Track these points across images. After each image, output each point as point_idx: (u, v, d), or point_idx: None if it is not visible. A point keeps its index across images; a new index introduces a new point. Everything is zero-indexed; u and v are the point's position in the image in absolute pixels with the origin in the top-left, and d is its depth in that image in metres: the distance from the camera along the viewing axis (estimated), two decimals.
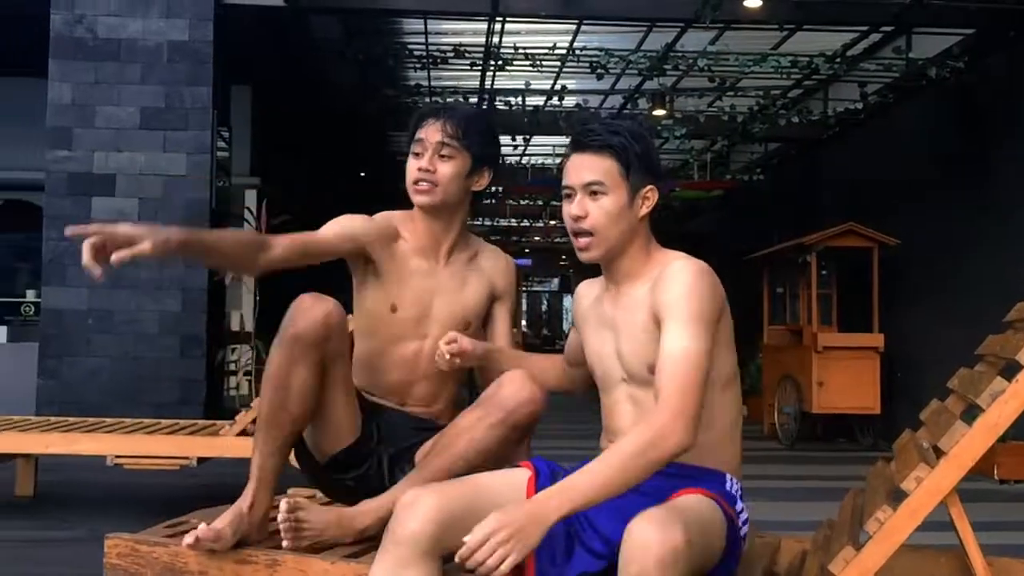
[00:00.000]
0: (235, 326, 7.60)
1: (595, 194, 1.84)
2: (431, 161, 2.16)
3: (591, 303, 2.01)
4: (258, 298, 6.83)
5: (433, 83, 9.44)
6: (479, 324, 2.29)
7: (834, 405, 8.48)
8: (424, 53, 8.33)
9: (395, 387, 2.23)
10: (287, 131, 11.88)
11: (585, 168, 1.86)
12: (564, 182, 1.89)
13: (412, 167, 2.19)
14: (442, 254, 2.25)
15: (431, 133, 2.17)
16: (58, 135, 6.52)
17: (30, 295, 11.78)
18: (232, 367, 7.30)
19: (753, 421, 10.59)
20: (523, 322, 12.81)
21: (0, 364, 6.87)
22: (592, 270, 2.06)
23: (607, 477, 1.56)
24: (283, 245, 2.06)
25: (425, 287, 2.21)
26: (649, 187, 1.88)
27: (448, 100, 2.08)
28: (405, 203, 2.31)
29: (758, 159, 12.26)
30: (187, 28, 6.57)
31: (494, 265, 2.32)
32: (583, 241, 1.86)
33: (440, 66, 8.56)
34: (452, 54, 7.98)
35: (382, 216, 2.25)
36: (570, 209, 1.86)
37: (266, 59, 8.56)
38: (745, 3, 5.61)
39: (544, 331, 29.51)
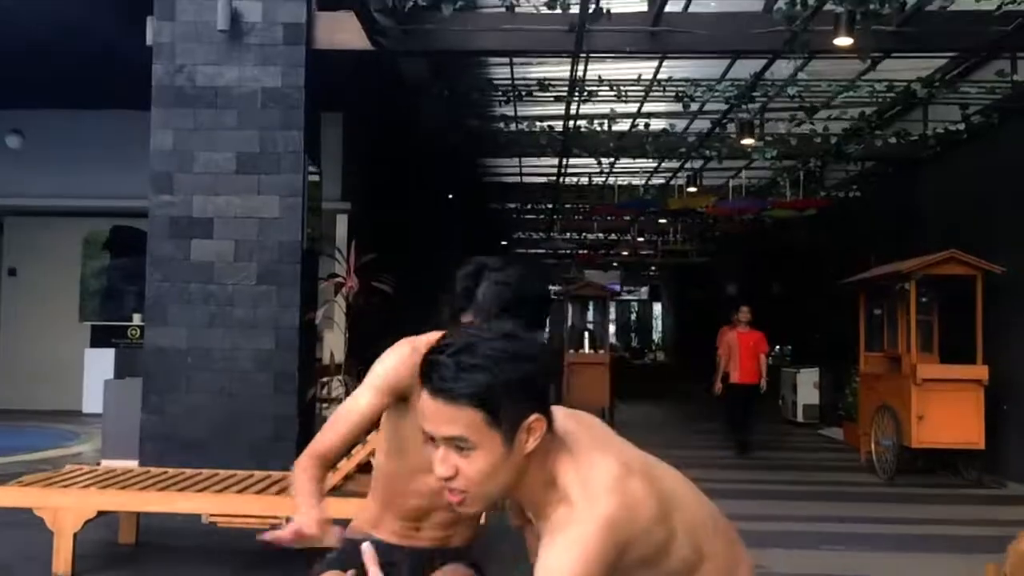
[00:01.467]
0: (326, 359, 7.77)
1: (461, 449, 1.47)
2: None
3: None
4: (348, 335, 6.98)
5: (519, 112, 9.49)
6: None
7: (935, 439, 8.17)
8: (509, 87, 8.39)
9: (413, 512, 2.18)
10: (376, 156, 12.14)
11: (443, 421, 1.46)
12: (423, 424, 1.51)
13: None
14: None
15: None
16: (160, 180, 6.79)
17: (136, 319, 12.33)
18: (325, 409, 7.43)
19: (850, 448, 10.30)
20: (612, 333, 12.67)
21: (109, 398, 7.21)
22: None
23: None
24: (335, 451, 2.12)
25: None
26: (534, 418, 1.48)
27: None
28: (493, 222, 2.18)
29: (854, 176, 11.90)
30: (280, 75, 6.76)
31: None
32: (457, 498, 1.51)
33: (525, 99, 8.61)
34: (537, 87, 8.01)
35: (418, 352, 1.91)
36: (435, 463, 1.50)
37: (355, 90, 8.75)
38: (835, 41, 5.46)
39: (633, 343, 29.20)
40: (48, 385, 12.33)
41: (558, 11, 5.89)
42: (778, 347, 16.35)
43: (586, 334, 12.78)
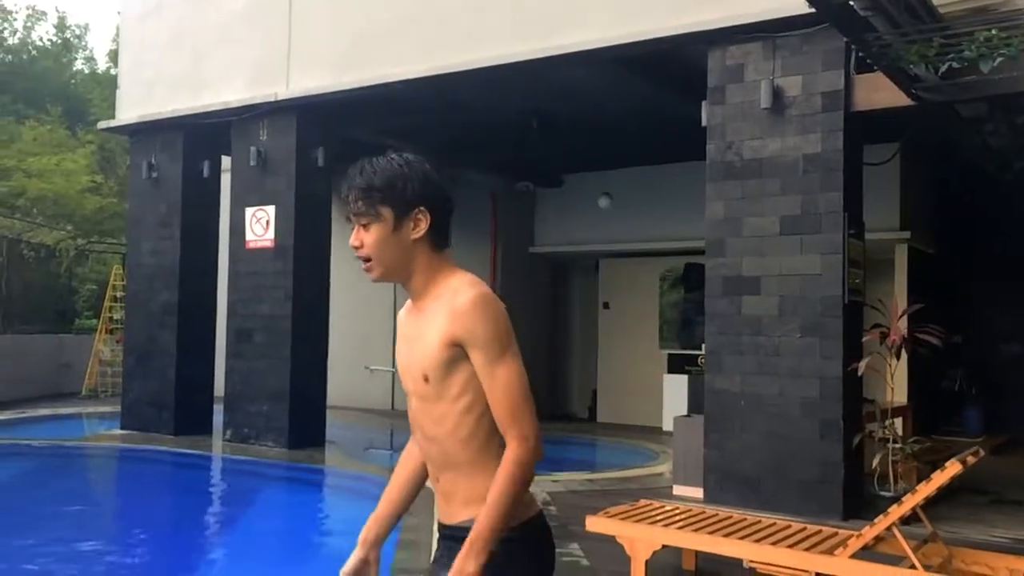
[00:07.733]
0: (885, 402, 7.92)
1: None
2: (357, 235, 2.09)
3: None
4: (893, 387, 7.12)
5: None
6: (443, 375, 2.01)
7: None
8: None
9: (433, 477, 2.18)
10: (935, 185, 11.72)
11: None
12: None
13: None
14: (419, 307, 2.12)
15: (348, 208, 2.10)
16: (714, 245, 7.78)
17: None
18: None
19: None
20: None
21: (678, 432, 8.39)
22: None
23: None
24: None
25: (402, 343, 2.17)
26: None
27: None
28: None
29: None
30: (819, 141, 7.25)
31: (443, 304, 2.02)
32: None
33: None
34: None
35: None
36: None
37: (908, 122, 8.65)
38: None
39: None
40: (636, 403, 14.37)
41: None
42: None
43: None
